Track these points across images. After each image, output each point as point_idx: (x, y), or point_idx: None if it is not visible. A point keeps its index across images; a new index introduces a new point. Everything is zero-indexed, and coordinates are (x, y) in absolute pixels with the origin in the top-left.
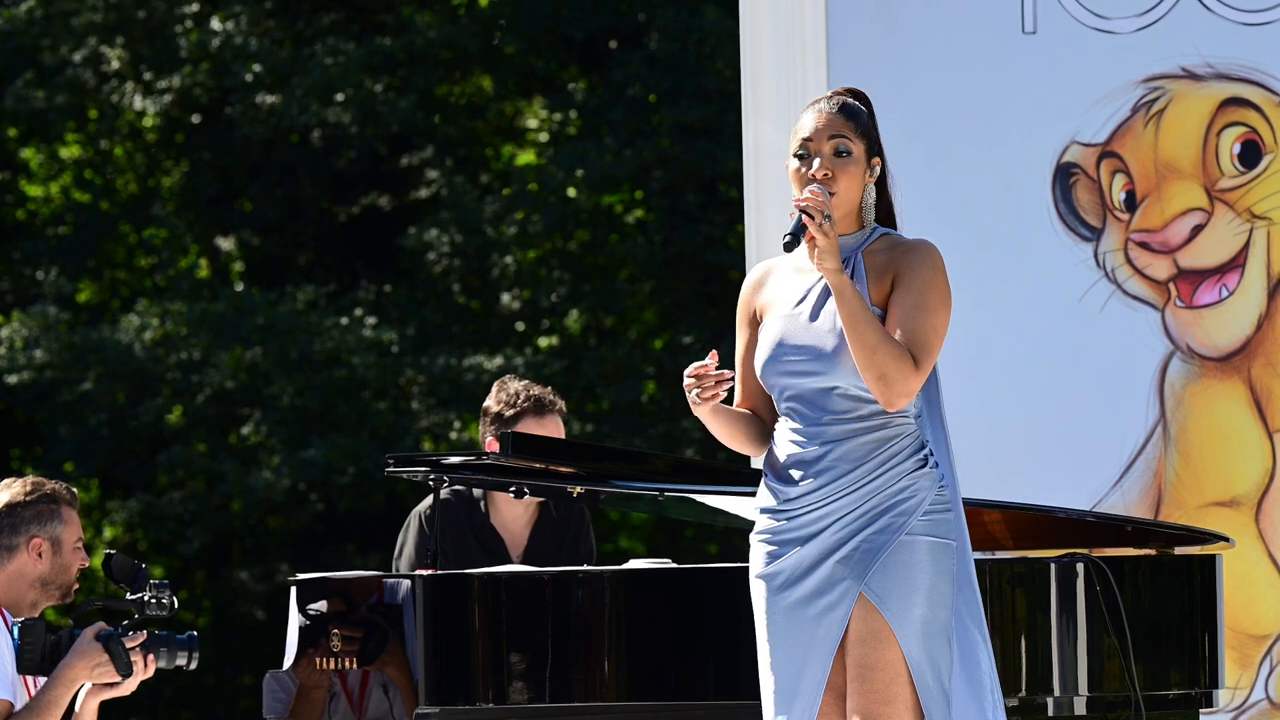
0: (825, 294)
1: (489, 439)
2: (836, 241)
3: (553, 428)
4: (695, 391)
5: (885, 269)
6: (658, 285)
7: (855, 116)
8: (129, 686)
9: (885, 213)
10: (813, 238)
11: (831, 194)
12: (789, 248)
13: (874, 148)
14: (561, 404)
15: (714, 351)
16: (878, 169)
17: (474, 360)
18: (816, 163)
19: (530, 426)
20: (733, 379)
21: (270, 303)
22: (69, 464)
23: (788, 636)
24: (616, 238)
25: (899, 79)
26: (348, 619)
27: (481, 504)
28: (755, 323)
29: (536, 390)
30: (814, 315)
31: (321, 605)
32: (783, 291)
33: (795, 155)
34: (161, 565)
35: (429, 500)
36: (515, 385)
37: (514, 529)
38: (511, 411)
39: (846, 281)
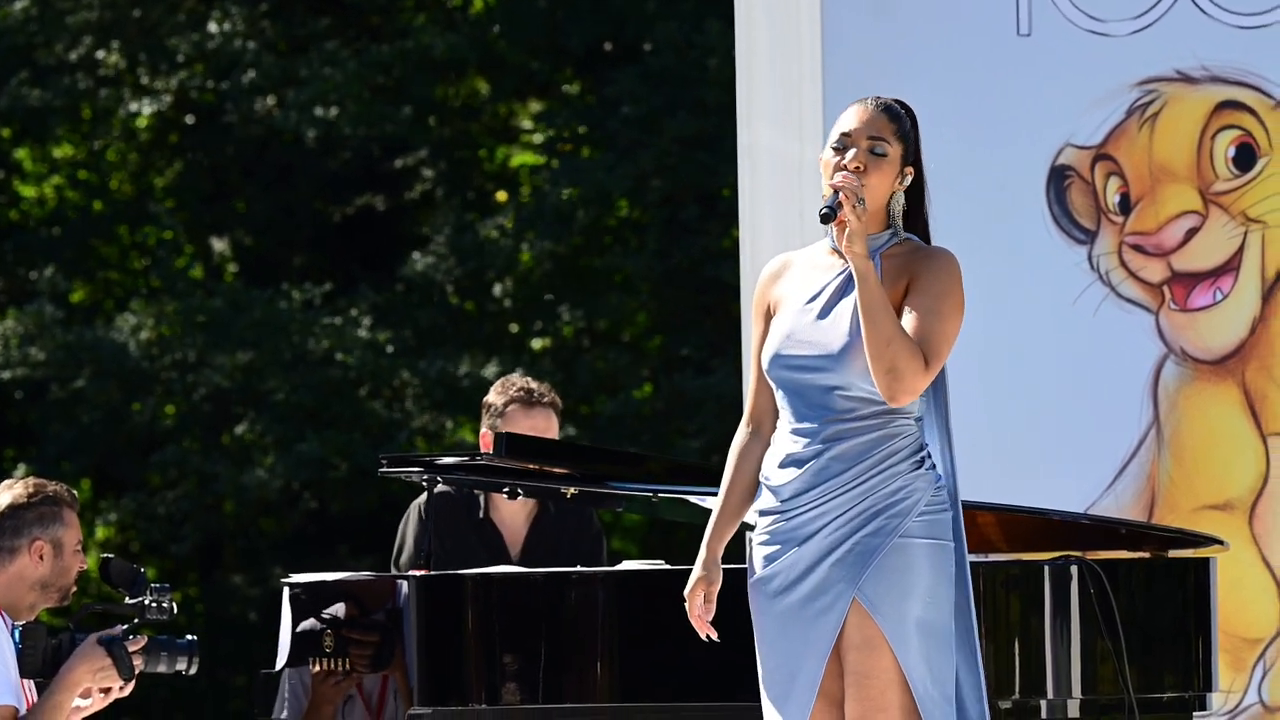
0: (839, 293)
1: (483, 431)
2: (865, 227)
3: (541, 420)
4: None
5: (901, 272)
6: (653, 295)
7: (897, 120)
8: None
9: (919, 228)
10: (843, 221)
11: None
12: (825, 219)
13: (910, 155)
14: (555, 399)
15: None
16: (909, 177)
17: (467, 364)
18: (851, 154)
19: (517, 417)
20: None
21: (265, 301)
22: (65, 463)
23: (783, 638)
24: (610, 239)
25: (894, 81)
26: (346, 621)
27: (481, 499)
28: (769, 315)
29: (532, 384)
30: (824, 313)
31: (317, 607)
32: (797, 286)
33: (832, 147)
34: (153, 566)
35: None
36: (515, 379)
37: (513, 525)
38: (503, 401)
39: (870, 268)
